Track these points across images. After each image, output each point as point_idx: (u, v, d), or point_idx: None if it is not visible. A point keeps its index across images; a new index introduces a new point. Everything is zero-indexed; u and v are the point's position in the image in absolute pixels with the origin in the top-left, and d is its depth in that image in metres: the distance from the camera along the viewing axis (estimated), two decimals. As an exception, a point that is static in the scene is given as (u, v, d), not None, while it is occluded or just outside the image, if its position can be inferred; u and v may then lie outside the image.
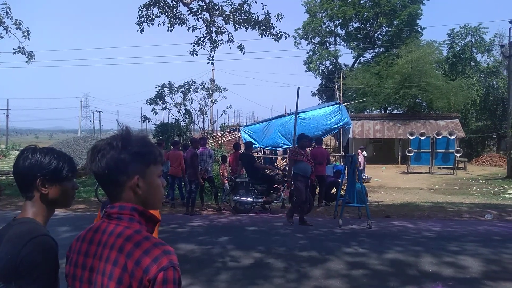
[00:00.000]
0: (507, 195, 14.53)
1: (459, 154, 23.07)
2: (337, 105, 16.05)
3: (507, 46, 21.69)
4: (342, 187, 9.93)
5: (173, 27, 10.69)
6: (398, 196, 13.81)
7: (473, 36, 35.08)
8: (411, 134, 23.54)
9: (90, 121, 67.27)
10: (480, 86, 32.99)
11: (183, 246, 6.12)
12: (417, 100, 31.05)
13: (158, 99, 15.47)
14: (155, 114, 15.72)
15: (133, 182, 1.19)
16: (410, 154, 22.94)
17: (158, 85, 15.52)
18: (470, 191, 15.60)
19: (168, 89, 15.58)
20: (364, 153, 19.82)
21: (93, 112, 65.37)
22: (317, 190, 10.81)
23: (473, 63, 35.37)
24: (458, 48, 35.34)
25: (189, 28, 10.52)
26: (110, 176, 1.18)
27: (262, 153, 19.13)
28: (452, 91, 29.27)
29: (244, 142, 14.21)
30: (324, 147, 15.11)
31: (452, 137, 22.86)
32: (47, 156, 1.42)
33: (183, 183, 10.49)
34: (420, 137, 23.18)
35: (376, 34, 37.85)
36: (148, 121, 16.09)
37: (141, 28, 10.54)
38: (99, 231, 1.19)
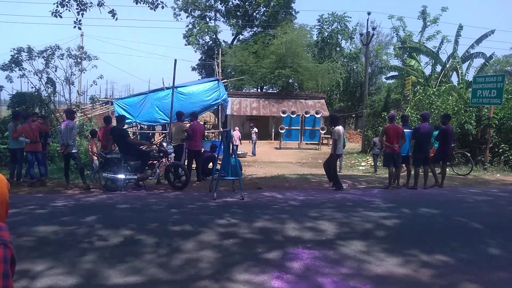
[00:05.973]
0: (360, 167, 16.70)
1: (324, 131, 25.58)
2: (216, 82, 16.16)
3: (365, 35, 24.44)
4: (218, 161, 10.14)
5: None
6: (270, 170, 14.71)
7: (339, 23, 38.56)
8: (284, 112, 25.14)
9: None
10: (343, 70, 36.67)
11: (43, 228, 5.57)
12: (290, 81, 33.14)
13: (13, 65, 13.53)
14: (10, 82, 13.77)
15: None
16: (282, 131, 24.55)
17: (14, 49, 13.56)
18: (332, 164, 17.44)
19: (26, 54, 13.70)
20: (255, 129, 21.35)
21: None
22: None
23: (338, 49, 39.00)
24: (326, 34, 38.48)
25: (51, -15, 9.30)
26: None
27: (139, 128, 18.33)
28: (320, 73, 32.00)
29: (117, 115, 13.38)
30: (201, 122, 15.18)
31: (318, 116, 25.14)
32: None
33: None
34: (291, 115, 24.93)
35: (254, 13, 38.87)
36: (1, 90, 14.04)
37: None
38: None
